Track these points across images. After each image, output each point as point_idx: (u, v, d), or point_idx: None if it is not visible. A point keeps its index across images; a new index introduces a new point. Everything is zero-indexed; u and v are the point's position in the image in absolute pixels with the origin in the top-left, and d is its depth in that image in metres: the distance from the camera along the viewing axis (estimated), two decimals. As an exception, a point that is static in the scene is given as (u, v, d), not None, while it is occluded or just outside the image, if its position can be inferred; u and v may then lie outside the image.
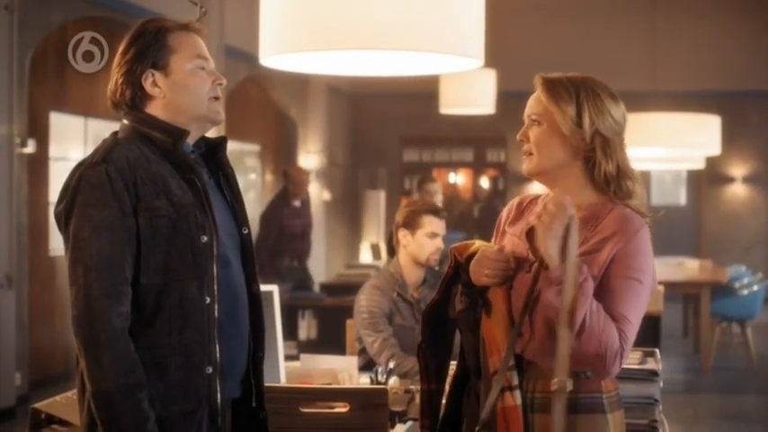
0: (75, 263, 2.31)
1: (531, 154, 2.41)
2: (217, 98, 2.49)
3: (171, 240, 2.35)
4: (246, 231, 2.54)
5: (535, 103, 2.41)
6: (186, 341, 2.35)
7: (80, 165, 2.38)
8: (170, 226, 2.34)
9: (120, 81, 2.44)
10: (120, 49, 2.47)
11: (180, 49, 2.44)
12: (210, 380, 2.37)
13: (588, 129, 2.34)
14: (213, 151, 2.55)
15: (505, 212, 2.54)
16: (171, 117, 2.44)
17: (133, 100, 2.44)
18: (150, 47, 2.42)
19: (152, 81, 2.42)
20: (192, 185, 2.40)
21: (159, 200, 2.35)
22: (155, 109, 2.45)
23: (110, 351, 2.26)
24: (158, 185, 2.36)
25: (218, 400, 2.38)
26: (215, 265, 2.39)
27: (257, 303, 2.54)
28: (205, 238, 2.38)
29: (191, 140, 2.49)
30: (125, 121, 2.47)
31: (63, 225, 2.36)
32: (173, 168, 2.41)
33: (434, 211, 4.18)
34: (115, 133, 2.48)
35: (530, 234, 2.31)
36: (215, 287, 2.39)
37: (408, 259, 4.20)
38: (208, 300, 2.38)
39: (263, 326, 2.55)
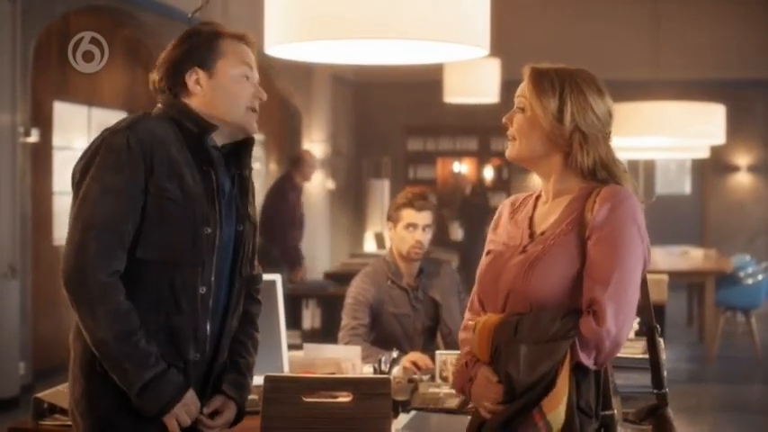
0: (76, 219, 2.36)
1: (514, 139, 2.42)
2: (254, 110, 2.54)
3: (173, 224, 2.39)
4: (241, 228, 2.56)
5: (522, 91, 2.42)
6: (173, 325, 2.41)
7: (106, 129, 2.43)
8: (174, 209, 2.38)
9: (164, 73, 2.50)
10: (172, 43, 2.53)
11: (229, 55, 2.51)
12: (193, 364, 2.45)
13: (568, 125, 2.34)
14: (237, 150, 2.59)
15: (506, 210, 2.52)
16: (205, 113, 2.49)
17: (172, 89, 2.50)
18: (201, 47, 2.49)
19: (195, 79, 2.49)
20: (205, 177, 2.45)
21: (170, 182, 2.39)
22: (191, 103, 2.50)
23: (102, 305, 2.33)
24: (173, 169, 2.40)
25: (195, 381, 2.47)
26: (215, 258, 2.44)
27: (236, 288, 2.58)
28: (209, 230, 2.42)
29: (219, 142, 2.54)
30: (159, 105, 2.52)
31: (76, 182, 2.41)
32: (191, 158, 2.45)
33: (410, 204, 4.19)
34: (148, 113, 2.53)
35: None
36: (212, 278, 2.44)
37: (396, 252, 4.25)
38: (204, 290, 2.43)
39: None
